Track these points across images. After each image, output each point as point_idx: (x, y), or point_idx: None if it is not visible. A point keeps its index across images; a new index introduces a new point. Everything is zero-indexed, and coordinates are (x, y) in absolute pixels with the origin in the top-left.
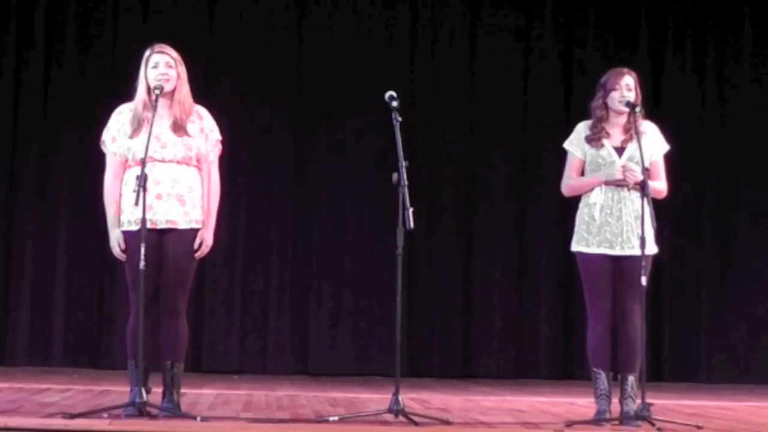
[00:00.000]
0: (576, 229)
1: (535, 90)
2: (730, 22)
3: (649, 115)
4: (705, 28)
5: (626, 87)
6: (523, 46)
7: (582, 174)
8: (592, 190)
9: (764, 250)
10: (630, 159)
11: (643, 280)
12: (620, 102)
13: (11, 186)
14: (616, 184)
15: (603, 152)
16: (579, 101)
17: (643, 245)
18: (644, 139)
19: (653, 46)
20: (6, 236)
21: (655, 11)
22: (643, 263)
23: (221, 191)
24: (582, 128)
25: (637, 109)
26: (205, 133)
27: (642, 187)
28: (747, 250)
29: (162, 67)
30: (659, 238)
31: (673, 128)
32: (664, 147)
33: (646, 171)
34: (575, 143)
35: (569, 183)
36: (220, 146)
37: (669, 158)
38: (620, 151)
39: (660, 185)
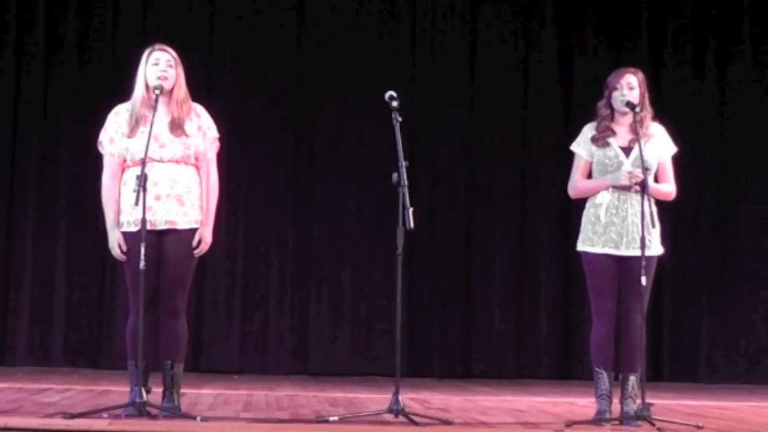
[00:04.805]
0: (582, 228)
1: (535, 90)
2: (730, 22)
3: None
4: (705, 28)
5: (628, 86)
6: (523, 46)
7: (589, 175)
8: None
9: (764, 250)
10: (637, 159)
11: (643, 280)
12: (621, 102)
13: (11, 186)
14: (623, 186)
15: (610, 152)
16: (579, 101)
17: (642, 245)
18: (651, 141)
19: (653, 46)
20: (6, 236)
21: (655, 11)
22: (643, 263)
23: (219, 189)
24: (588, 129)
25: (637, 109)
26: (203, 131)
27: (642, 188)
28: (747, 250)
29: (163, 64)
30: (663, 238)
31: (673, 128)
32: (672, 149)
33: (646, 171)
34: (582, 145)
35: (576, 186)
36: (218, 144)
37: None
38: (627, 150)
39: (669, 188)
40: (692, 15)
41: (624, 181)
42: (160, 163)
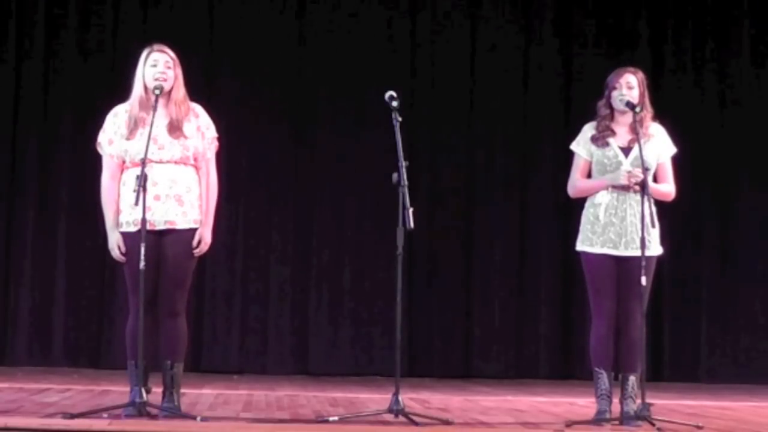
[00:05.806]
0: (581, 228)
1: (535, 89)
2: (730, 22)
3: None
4: (705, 28)
5: (627, 85)
6: (523, 45)
7: (589, 175)
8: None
9: (764, 250)
10: (636, 159)
11: (643, 280)
12: (620, 101)
13: (11, 186)
14: (622, 186)
15: (609, 152)
16: (579, 101)
17: (642, 245)
18: (651, 141)
19: (653, 46)
20: (6, 236)
21: (655, 11)
22: (643, 263)
23: (219, 189)
24: (588, 129)
25: (637, 109)
26: (202, 131)
27: (642, 188)
28: (747, 250)
29: (161, 65)
30: (662, 238)
31: (673, 128)
32: (672, 150)
33: (646, 171)
34: (581, 144)
35: (575, 185)
36: (216, 144)
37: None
38: (627, 150)
39: (668, 188)
40: (692, 15)
41: (623, 180)
42: (159, 164)
